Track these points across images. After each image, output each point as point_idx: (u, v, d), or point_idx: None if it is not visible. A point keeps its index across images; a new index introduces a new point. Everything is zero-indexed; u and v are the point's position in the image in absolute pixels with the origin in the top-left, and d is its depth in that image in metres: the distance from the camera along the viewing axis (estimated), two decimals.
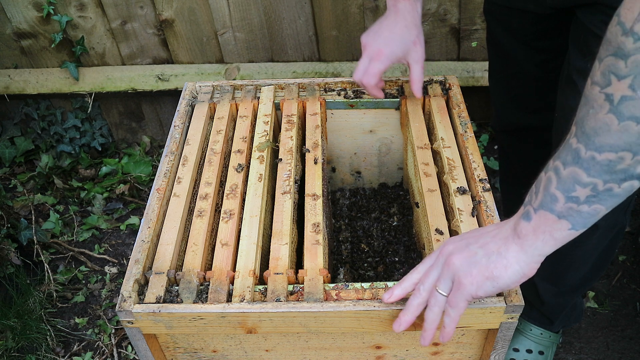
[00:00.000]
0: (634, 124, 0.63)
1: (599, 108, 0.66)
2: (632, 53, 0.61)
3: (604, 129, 0.66)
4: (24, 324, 1.78)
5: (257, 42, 2.08)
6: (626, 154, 0.66)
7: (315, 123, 1.32)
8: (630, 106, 0.63)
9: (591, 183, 0.70)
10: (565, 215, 0.74)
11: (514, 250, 0.80)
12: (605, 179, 0.69)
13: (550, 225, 0.76)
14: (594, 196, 0.71)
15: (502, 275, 0.81)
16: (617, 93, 0.64)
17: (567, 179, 0.71)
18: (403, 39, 1.17)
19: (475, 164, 1.18)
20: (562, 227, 0.75)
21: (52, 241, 2.07)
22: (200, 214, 1.13)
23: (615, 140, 0.65)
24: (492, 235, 0.83)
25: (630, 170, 0.67)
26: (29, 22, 2.06)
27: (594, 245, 1.35)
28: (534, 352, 1.63)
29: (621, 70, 0.63)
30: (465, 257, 0.83)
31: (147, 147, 2.40)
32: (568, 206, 0.73)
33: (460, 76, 2.05)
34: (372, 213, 1.53)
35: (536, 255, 0.79)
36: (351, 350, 1.08)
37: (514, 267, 0.80)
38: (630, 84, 0.62)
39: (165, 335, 1.04)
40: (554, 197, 0.74)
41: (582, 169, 0.70)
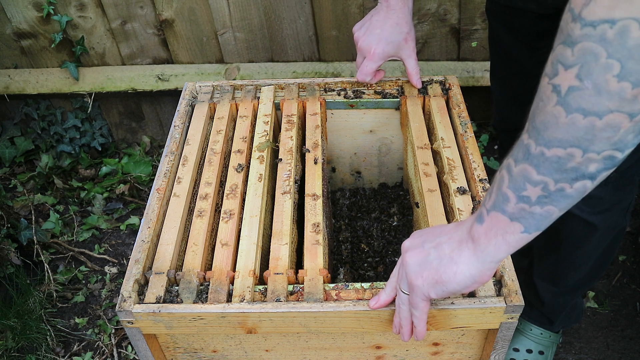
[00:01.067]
0: (581, 116, 0.58)
1: (547, 100, 0.61)
2: (579, 40, 0.56)
3: (552, 122, 0.61)
4: (24, 324, 1.78)
5: (257, 42, 2.08)
6: (575, 151, 0.61)
7: (315, 123, 1.32)
8: (578, 97, 0.58)
9: (542, 182, 0.65)
10: (517, 217, 0.69)
11: (466, 256, 0.76)
12: (556, 178, 0.64)
13: (503, 228, 0.71)
14: (545, 196, 0.66)
15: (450, 280, 0.78)
16: (564, 83, 0.59)
17: (518, 176, 0.67)
18: (394, 36, 1.22)
19: (475, 164, 1.18)
20: (515, 229, 0.70)
21: (52, 241, 2.07)
22: (200, 214, 1.13)
23: (563, 134, 0.60)
24: (449, 236, 0.80)
25: (582, 169, 0.62)
26: (29, 22, 2.06)
27: (594, 246, 1.35)
28: (534, 352, 1.63)
29: (568, 58, 0.58)
30: (418, 256, 0.81)
31: (147, 147, 2.40)
32: (520, 207, 0.68)
33: (460, 76, 2.05)
34: (372, 213, 1.53)
35: (488, 261, 0.75)
36: (351, 350, 1.08)
37: (464, 274, 0.77)
38: (577, 73, 0.57)
39: (165, 335, 1.04)
40: (505, 197, 0.69)
41: (532, 166, 0.65)
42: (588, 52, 0.56)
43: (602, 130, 0.58)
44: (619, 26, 0.53)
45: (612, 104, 0.56)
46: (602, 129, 0.58)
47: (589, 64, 0.56)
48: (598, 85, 0.56)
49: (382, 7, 1.22)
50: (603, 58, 0.55)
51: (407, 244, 0.85)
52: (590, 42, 0.55)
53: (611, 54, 0.54)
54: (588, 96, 0.57)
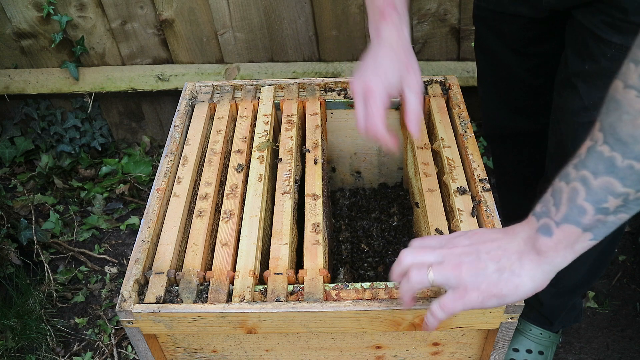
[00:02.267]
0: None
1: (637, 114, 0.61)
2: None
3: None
4: (24, 324, 1.78)
5: (257, 42, 2.08)
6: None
7: (315, 123, 1.32)
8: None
9: (625, 193, 0.66)
10: (590, 227, 0.70)
11: (529, 268, 0.75)
12: (638, 188, 0.65)
13: (574, 239, 0.71)
14: (623, 206, 0.67)
15: (511, 294, 0.77)
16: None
17: (599, 189, 0.67)
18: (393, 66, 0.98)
19: (475, 164, 1.18)
20: (585, 238, 0.71)
21: (52, 241, 2.07)
22: (200, 214, 1.13)
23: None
24: (504, 248, 0.78)
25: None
26: (29, 22, 2.06)
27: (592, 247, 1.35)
28: (534, 352, 1.63)
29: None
30: (475, 268, 0.78)
31: (147, 147, 2.40)
32: (597, 218, 0.69)
33: (460, 76, 2.05)
34: (372, 213, 1.53)
35: (552, 271, 0.75)
36: (351, 350, 1.08)
37: (527, 286, 0.76)
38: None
39: (165, 335, 1.04)
40: (581, 210, 0.69)
41: (617, 179, 0.65)
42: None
43: None
44: None
45: None
46: None
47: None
48: None
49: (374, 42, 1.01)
50: None
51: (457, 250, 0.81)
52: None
53: None
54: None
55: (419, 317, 0.97)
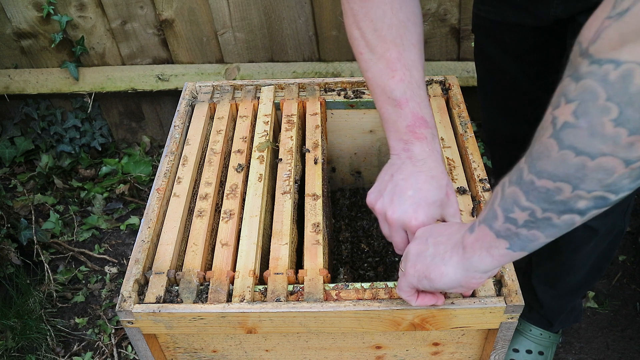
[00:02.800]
0: (573, 154, 0.56)
1: (544, 130, 0.60)
2: (584, 77, 0.54)
3: (545, 153, 0.60)
4: (24, 324, 1.78)
5: (257, 42, 2.08)
6: (564, 185, 0.59)
7: (315, 123, 1.32)
8: (571, 134, 0.56)
9: (529, 208, 0.64)
10: (503, 235, 0.69)
11: (455, 260, 0.77)
12: (544, 207, 0.63)
13: (488, 242, 0.72)
14: (532, 222, 0.65)
15: (437, 279, 0.80)
16: (561, 117, 0.57)
17: (508, 198, 0.66)
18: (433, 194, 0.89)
19: (475, 164, 1.18)
20: (500, 245, 0.71)
21: (52, 241, 2.07)
22: (200, 214, 1.13)
23: (554, 168, 0.59)
24: (448, 236, 0.80)
25: (570, 203, 0.60)
26: (29, 22, 2.06)
27: (592, 248, 1.35)
28: (534, 353, 1.63)
29: (570, 93, 0.55)
30: (418, 248, 0.83)
31: (147, 147, 2.40)
32: (506, 226, 0.68)
33: (460, 76, 2.05)
34: (372, 213, 1.52)
35: (472, 270, 0.76)
36: (351, 350, 1.08)
37: (450, 276, 0.78)
38: (574, 110, 0.55)
39: (165, 335, 1.04)
40: (495, 214, 0.69)
41: (522, 192, 0.64)
42: (588, 90, 0.53)
43: (594, 171, 0.56)
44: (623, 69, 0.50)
45: (606, 148, 0.54)
46: (593, 170, 0.56)
47: (587, 102, 0.54)
48: (593, 126, 0.54)
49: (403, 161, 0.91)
50: (602, 99, 0.53)
51: (419, 232, 0.85)
52: (593, 80, 0.53)
53: (611, 97, 0.52)
54: (581, 135, 0.55)
55: (419, 317, 0.97)
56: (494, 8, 1.24)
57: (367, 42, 0.92)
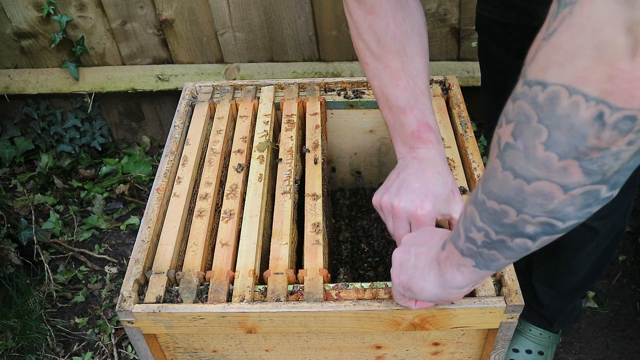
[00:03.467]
0: (512, 176, 0.55)
1: (493, 150, 0.58)
2: (519, 97, 0.52)
3: (492, 174, 0.58)
4: (24, 324, 1.78)
5: (257, 42, 2.08)
6: (509, 209, 0.57)
7: (315, 123, 1.32)
8: (511, 155, 0.54)
9: (483, 229, 0.63)
10: (467, 254, 0.68)
11: (432, 276, 0.77)
12: (496, 230, 0.61)
13: (456, 260, 0.71)
14: (489, 243, 0.64)
15: (418, 293, 0.80)
16: (503, 137, 0.55)
17: (467, 217, 0.65)
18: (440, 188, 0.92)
19: (475, 164, 1.18)
20: (467, 263, 0.70)
21: (52, 241, 2.07)
22: (200, 214, 1.13)
23: (498, 189, 0.57)
24: (429, 249, 0.79)
25: (519, 227, 0.58)
26: (29, 22, 2.06)
27: (593, 249, 1.35)
28: (534, 353, 1.63)
29: (509, 113, 0.54)
30: (402, 257, 0.83)
31: (147, 147, 2.40)
32: (467, 246, 0.67)
33: (460, 76, 2.05)
34: (372, 213, 1.53)
35: (447, 287, 0.75)
36: (351, 350, 1.08)
37: (429, 292, 0.78)
38: (513, 130, 0.53)
39: (165, 335, 1.04)
40: (458, 233, 0.68)
41: (477, 211, 0.63)
42: (522, 111, 0.52)
43: (532, 195, 0.54)
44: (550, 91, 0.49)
45: (539, 172, 0.52)
46: (532, 194, 0.54)
47: (522, 124, 0.52)
48: (528, 148, 0.52)
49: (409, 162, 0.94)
50: (534, 121, 0.51)
51: (405, 238, 0.86)
52: (525, 102, 0.51)
53: (541, 119, 0.50)
54: (518, 157, 0.54)
55: (419, 317, 0.97)
56: (496, 8, 1.24)
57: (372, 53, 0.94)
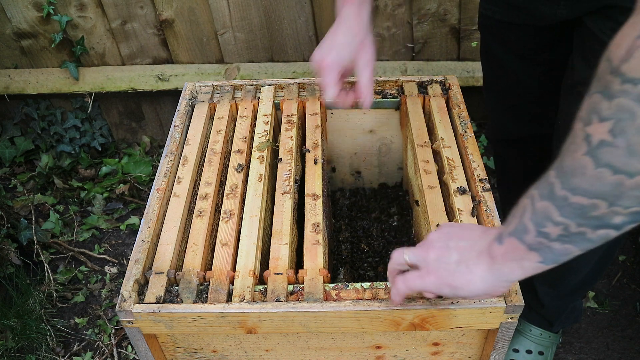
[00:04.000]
0: (610, 173, 0.57)
1: (578, 147, 0.60)
2: (617, 95, 0.54)
3: (580, 171, 0.60)
4: (24, 324, 1.78)
5: (257, 42, 2.08)
6: (600, 202, 0.60)
7: (315, 123, 1.32)
8: (608, 153, 0.56)
9: (563, 223, 0.64)
10: (535, 248, 0.69)
11: (482, 269, 0.77)
12: (579, 222, 0.63)
13: (520, 255, 0.72)
14: (565, 236, 0.65)
15: (463, 287, 0.79)
16: (596, 135, 0.57)
17: (540, 212, 0.66)
18: (347, 40, 1.06)
19: (475, 164, 1.18)
20: (532, 258, 0.71)
21: (52, 241, 2.07)
22: (200, 214, 1.13)
23: (589, 185, 0.59)
24: (472, 242, 0.80)
25: (606, 219, 0.61)
26: (29, 22, 2.06)
27: (593, 249, 1.34)
28: (534, 353, 1.63)
29: (604, 111, 0.56)
30: (441, 254, 0.82)
31: (147, 147, 2.40)
32: (539, 240, 0.68)
33: (460, 76, 2.05)
34: (372, 213, 1.53)
35: (502, 280, 0.76)
36: (351, 350, 1.08)
37: (477, 285, 0.78)
38: (611, 128, 0.55)
39: (165, 335, 1.04)
40: (525, 228, 0.69)
41: (555, 207, 0.64)
42: (625, 109, 0.54)
43: (632, 189, 0.57)
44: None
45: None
46: (631, 188, 0.57)
47: (624, 121, 0.54)
48: (631, 145, 0.54)
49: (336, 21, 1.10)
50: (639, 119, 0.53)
51: (434, 236, 0.85)
52: (629, 99, 0.53)
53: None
54: (619, 155, 0.55)
55: (419, 317, 0.97)
56: (498, 8, 1.24)
57: None
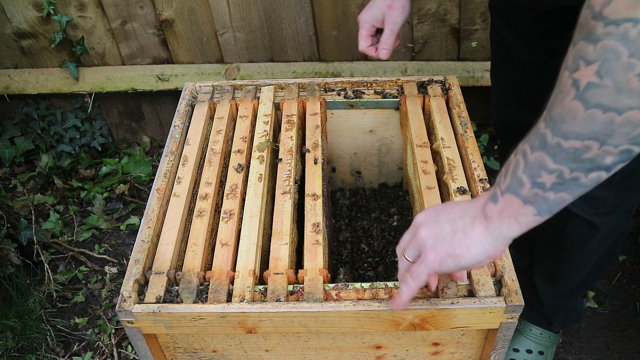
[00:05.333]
0: (600, 112, 0.61)
1: (566, 94, 0.63)
2: (602, 38, 0.58)
3: (570, 115, 0.63)
4: (24, 324, 1.78)
5: (257, 42, 2.08)
6: (592, 143, 0.63)
7: (315, 123, 1.32)
8: (597, 94, 0.60)
9: (557, 170, 0.68)
10: (531, 201, 0.72)
11: (479, 231, 0.78)
12: (572, 167, 0.66)
13: (516, 210, 0.74)
14: (560, 184, 0.69)
15: (464, 254, 0.79)
16: (583, 79, 0.61)
17: (534, 164, 0.69)
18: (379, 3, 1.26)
19: (475, 164, 1.18)
20: (528, 212, 0.73)
21: (52, 241, 2.07)
22: (200, 214, 1.13)
23: (581, 128, 0.63)
24: (462, 212, 0.82)
25: (598, 160, 0.64)
26: (29, 22, 2.06)
27: (595, 247, 1.35)
28: (534, 352, 1.63)
29: (589, 55, 0.60)
30: (433, 231, 0.82)
31: (147, 147, 2.40)
32: (534, 192, 0.71)
33: (460, 76, 2.05)
34: (372, 213, 1.53)
35: (501, 238, 0.77)
36: (351, 350, 1.08)
37: (478, 248, 0.78)
38: (597, 70, 0.59)
39: (165, 335, 1.04)
40: (520, 182, 0.72)
41: (548, 155, 0.68)
42: (610, 50, 0.57)
43: (621, 125, 0.60)
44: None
45: (633, 102, 0.58)
46: (621, 125, 0.60)
47: (610, 62, 0.58)
48: (618, 83, 0.58)
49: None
50: (625, 57, 0.57)
51: (420, 218, 0.85)
52: (613, 40, 0.57)
53: (633, 53, 0.56)
54: (608, 93, 0.59)
55: (419, 317, 0.97)
56: None
57: None
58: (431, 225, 0.83)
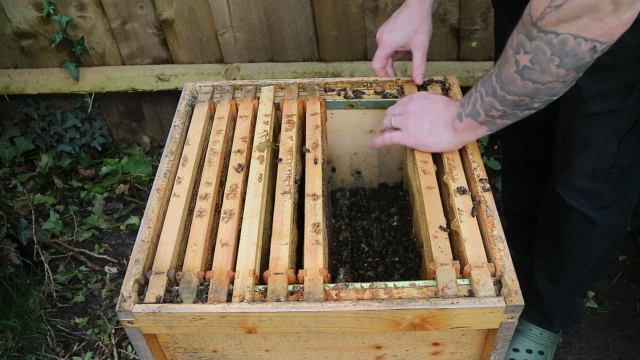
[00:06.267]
0: (531, 83, 0.94)
1: (510, 66, 0.95)
2: (535, 38, 0.89)
3: (511, 81, 0.96)
4: (24, 324, 1.78)
5: (257, 42, 2.08)
6: (526, 98, 0.97)
7: (315, 123, 1.32)
8: (529, 73, 0.92)
9: (502, 109, 1.02)
10: (484, 123, 1.08)
11: (448, 135, 1.15)
12: (512, 108, 1.01)
13: (474, 127, 1.10)
14: (504, 116, 1.04)
15: (433, 147, 1.18)
16: (522, 62, 0.93)
17: (487, 103, 1.04)
18: (405, 26, 1.29)
19: (475, 164, 1.18)
20: (482, 129, 1.09)
21: (52, 241, 2.07)
22: (200, 214, 1.13)
23: (519, 90, 0.96)
24: (439, 116, 1.15)
25: (529, 105, 0.99)
26: (29, 22, 2.06)
27: (594, 244, 1.35)
28: (534, 352, 1.63)
29: (527, 47, 0.91)
30: (417, 122, 1.18)
31: (147, 147, 2.41)
32: (487, 119, 1.06)
33: (460, 76, 2.05)
34: (372, 213, 1.53)
35: (462, 141, 1.15)
36: (351, 350, 1.09)
37: (444, 145, 1.17)
38: (531, 59, 0.91)
39: (165, 335, 1.05)
40: (478, 112, 1.07)
41: (497, 101, 1.01)
42: (539, 48, 0.89)
43: (545, 90, 0.94)
44: (561, 37, 0.86)
45: (552, 79, 0.92)
46: (544, 90, 0.94)
47: (539, 55, 0.90)
48: (544, 69, 0.91)
49: (402, 5, 1.31)
50: (548, 54, 0.89)
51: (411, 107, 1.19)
52: (542, 42, 0.88)
53: (554, 53, 0.88)
54: (536, 74, 0.92)
55: (418, 317, 0.97)
56: None
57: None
58: (417, 118, 1.18)
